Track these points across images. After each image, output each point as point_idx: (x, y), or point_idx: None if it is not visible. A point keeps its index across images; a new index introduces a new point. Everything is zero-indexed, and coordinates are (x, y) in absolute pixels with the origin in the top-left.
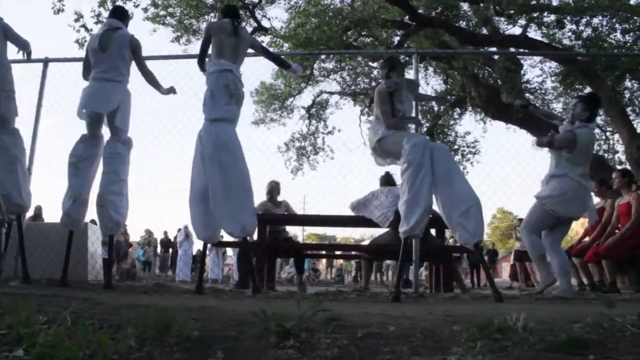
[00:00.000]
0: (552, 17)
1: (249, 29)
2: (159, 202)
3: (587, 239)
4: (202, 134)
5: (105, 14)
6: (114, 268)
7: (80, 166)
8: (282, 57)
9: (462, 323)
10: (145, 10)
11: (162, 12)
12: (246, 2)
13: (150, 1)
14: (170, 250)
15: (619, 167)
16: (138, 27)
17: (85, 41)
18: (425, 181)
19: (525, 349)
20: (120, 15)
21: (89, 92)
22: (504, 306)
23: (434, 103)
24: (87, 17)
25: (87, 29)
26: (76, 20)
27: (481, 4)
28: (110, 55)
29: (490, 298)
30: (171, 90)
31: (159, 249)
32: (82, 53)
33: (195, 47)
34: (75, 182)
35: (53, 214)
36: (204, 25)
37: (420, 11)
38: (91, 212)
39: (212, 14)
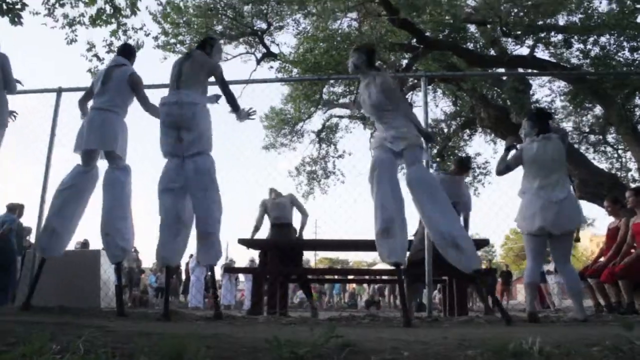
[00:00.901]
0: (560, 36)
1: (258, 55)
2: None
3: (602, 259)
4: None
5: (117, 43)
6: (126, 295)
7: (59, 195)
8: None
9: (476, 347)
10: (156, 38)
11: (173, 40)
12: (255, 28)
13: (160, 30)
14: (175, 276)
15: (632, 186)
16: (149, 55)
17: (97, 70)
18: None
19: None
20: (126, 53)
21: (86, 126)
22: (519, 329)
23: (443, 125)
24: (99, 46)
25: (99, 59)
26: (88, 50)
27: (488, 26)
28: (110, 88)
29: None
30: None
31: None
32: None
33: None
34: (49, 210)
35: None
36: None
37: (428, 34)
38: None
39: (222, 41)
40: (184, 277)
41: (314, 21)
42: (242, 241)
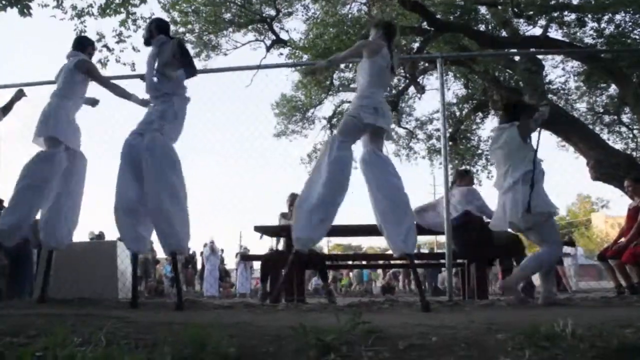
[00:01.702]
0: (573, 16)
1: (268, 43)
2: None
3: (623, 239)
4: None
5: (126, 32)
6: (142, 285)
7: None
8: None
9: (506, 331)
10: None
11: (182, 29)
12: (264, 15)
13: (169, 19)
14: (190, 265)
15: None
16: None
17: (107, 61)
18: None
19: (577, 356)
20: (76, 45)
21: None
22: (545, 312)
23: (455, 108)
24: (109, 37)
25: (109, 49)
26: (98, 41)
27: (499, 7)
28: (61, 79)
29: (528, 304)
30: (146, 102)
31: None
32: (105, 73)
33: (214, 62)
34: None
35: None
36: (223, 41)
37: (439, 16)
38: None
39: (231, 29)
40: (199, 266)
41: (323, 6)
42: (258, 228)
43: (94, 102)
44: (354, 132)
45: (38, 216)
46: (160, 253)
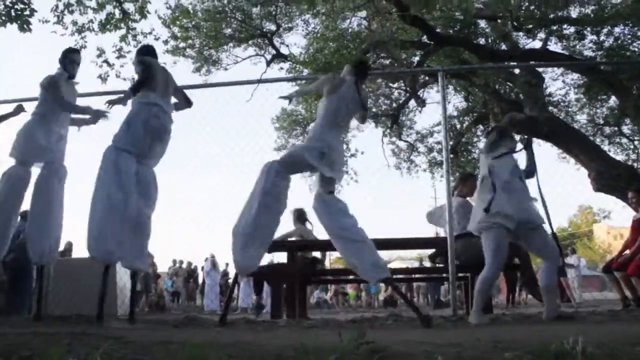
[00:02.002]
0: (572, 29)
1: (268, 57)
2: (184, 232)
3: (627, 251)
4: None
5: (127, 48)
6: (142, 300)
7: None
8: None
9: (513, 349)
10: (166, 42)
11: (182, 44)
12: (264, 30)
13: (170, 34)
14: (192, 280)
15: None
16: (159, 59)
17: (107, 76)
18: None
19: None
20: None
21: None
22: (553, 327)
23: (456, 121)
24: (109, 52)
25: (109, 64)
26: (98, 56)
27: (498, 20)
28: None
29: (534, 318)
30: (99, 115)
31: None
32: (105, 88)
33: (215, 77)
34: None
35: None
36: (223, 56)
37: (438, 30)
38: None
39: (231, 44)
40: (200, 280)
41: (323, 21)
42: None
43: (95, 117)
44: (294, 167)
45: None
46: (161, 267)
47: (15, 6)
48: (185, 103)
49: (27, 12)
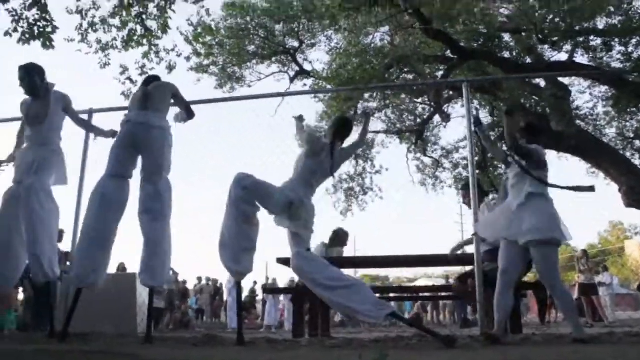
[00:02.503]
0: (599, 40)
1: (291, 74)
2: (212, 249)
3: None
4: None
5: (149, 65)
6: (167, 317)
7: None
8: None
9: None
10: (188, 59)
11: (206, 62)
12: (287, 47)
13: (192, 50)
14: (217, 297)
15: None
16: (183, 77)
17: (130, 93)
18: None
19: None
20: None
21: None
22: (588, 349)
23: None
24: (132, 69)
25: (132, 81)
26: (122, 74)
27: (523, 34)
28: None
29: (566, 339)
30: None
31: None
32: (127, 104)
33: (238, 93)
34: None
35: None
36: (247, 73)
37: (462, 44)
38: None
39: (255, 61)
40: (225, 298)
41: (345, 37)
42: (280, 260)
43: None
44: (258, 196)
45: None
46: (188, 284)
47: (38, 23)
48: (187, 114)
49: (50, 29)
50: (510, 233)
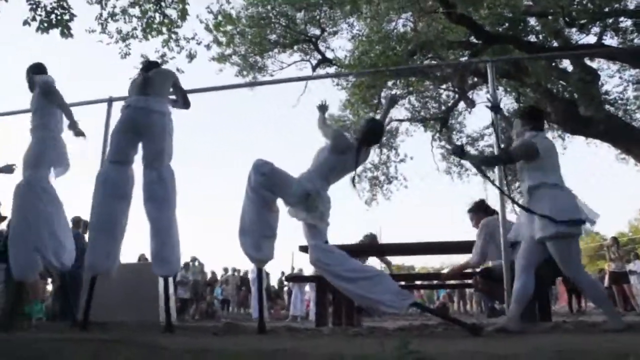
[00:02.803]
0: (629, 21)
1: (314, 62)
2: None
3: None
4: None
5: (170, 54)
6: (193, 307)
7: None
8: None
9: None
10: (208, 47)
11: (228, 51)
12: (309, 35)
13: (212, 39)
14: (244, 287)
15: None
16: (205, 67)
17: None
18: None
19: None
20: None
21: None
22: (623, 338)
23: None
24: (152, 58)
25: None
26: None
27: (549, 17)
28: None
29: (598, 327)
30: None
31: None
32: None
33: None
34: None
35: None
36: (269, 62)
37: (486, 29)
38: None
39: (276, 50)
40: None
41: (367, 23)
42: (303, 248)
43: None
44: (274, 185)
45: None
46: (210, 275)
47: (55, 11)
48: (183, 103)
49: (67, 17)
50: (524, 234)
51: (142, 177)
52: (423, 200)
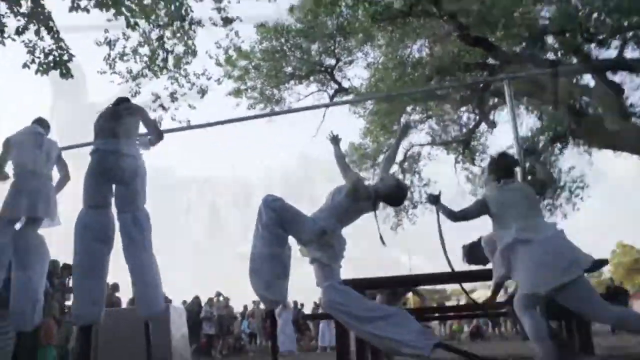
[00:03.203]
0: None
1: (330, 92)
2: None
3: None
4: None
5: (181, 90)
6: (220, 343)
7: None
8: None
9: None
10: (219, 82)
11: (243, 86)
12: (324, 65)
13: (224, 73)
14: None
15: None
16: (221, 101)
17: (162, 119)
18: None
19: None
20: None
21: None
22: None
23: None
24: (164, 96)
25: (164, 108)
26: (154, 101)
27: (567, 35)
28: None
29: None
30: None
31: None
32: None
33: (278, 116)
34: None
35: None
36: (286, 94)
37: (503, 49)
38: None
39: (293, 82)
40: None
41: (382, 51)
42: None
43: None
44: (286, 222)
45: None
46: (236, 309)
47: (54, 53)
48: (157, 136)
49: (66, 58)
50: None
51: (117, 221)
52: (450, 223)
